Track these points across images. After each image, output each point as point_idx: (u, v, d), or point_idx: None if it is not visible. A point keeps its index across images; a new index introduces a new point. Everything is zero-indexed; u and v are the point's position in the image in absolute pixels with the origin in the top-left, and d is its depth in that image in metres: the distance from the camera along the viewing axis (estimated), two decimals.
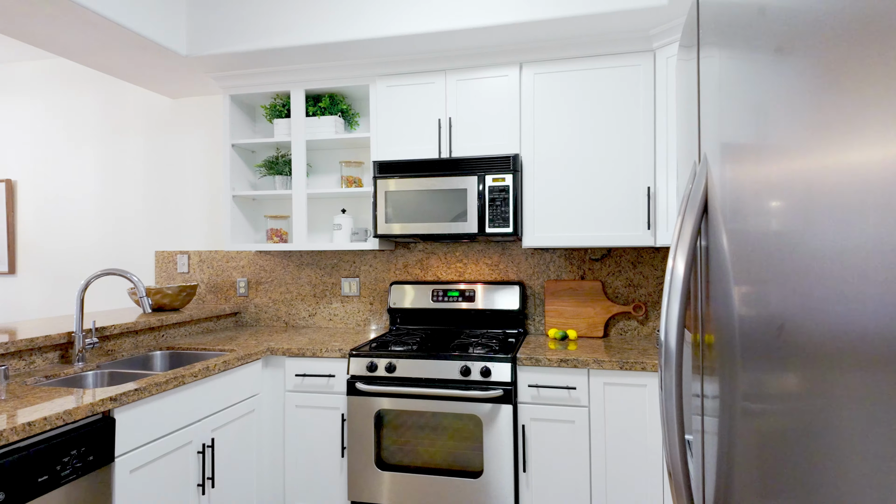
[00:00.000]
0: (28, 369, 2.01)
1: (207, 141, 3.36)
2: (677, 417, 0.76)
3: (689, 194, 0.81)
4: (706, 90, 0.82)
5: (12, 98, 3.68)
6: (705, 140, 0.82)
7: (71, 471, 1.51)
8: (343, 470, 2.43)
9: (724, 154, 0.73)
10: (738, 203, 0.69)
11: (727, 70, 0.72)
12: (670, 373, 0.77)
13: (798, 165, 0.48)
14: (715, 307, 0.78)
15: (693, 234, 0.78)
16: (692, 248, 0.78)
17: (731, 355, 0.73)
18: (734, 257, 0.71)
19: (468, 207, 2.52)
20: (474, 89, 2.63)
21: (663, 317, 0.83)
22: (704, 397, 0.83)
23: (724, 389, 0.75)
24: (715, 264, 0.77)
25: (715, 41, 0.77)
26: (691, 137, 0.95)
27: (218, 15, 2.67)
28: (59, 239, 3.59)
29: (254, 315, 3.27)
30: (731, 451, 0.73)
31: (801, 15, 0.45)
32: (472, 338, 2.63)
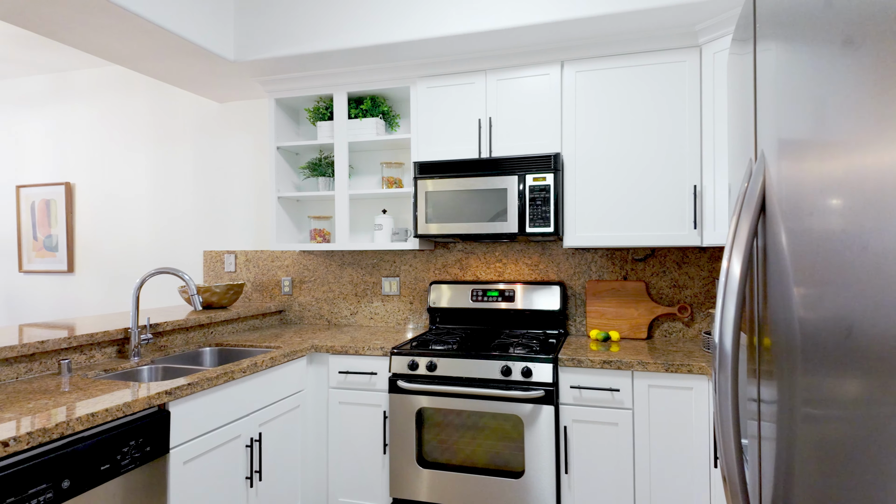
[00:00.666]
0: (88, 363, 2.12)
1: (253, 144, 3.47)
2: (733, 422, 0.74)
3: (745, 193, 0.78)
4: (763, 85, 0.79)
5: (72, 104, 3.88)
6: (762, 137, 0.79)
7: (130, 461, 1.59)
8: (385, 467, 2.47)
9: (783, 150, 0.71)
10: (799, 201, 0.66)
11: (786, 64, 0.70)
12: (725, 376, 0.75)
13: (866, 161, 0.46)
14: (773, 309, 0.75)
15: (750, 233, 0.75)
16: (749, 249, 0.76)
17: (790, 359, 0.70)
18: (794, 257, 0.68)
19: (508, 207, 2.51)
20: (514, 88, 2.62)
21: (717, 318, 0.80)
22: (761, 402, 0.81)
23: (783, 394, 0.73)
24: (773, 265, 0.75)
25: (773, 34, 0.75)
26: (746, 134, 0.93)
27: (264, 21, 2.75)
28: (114, 239, 3.76)
29: (297, 313, 3.35)
30: (791, 458, 0.71)
31: (875, 4, 0.43)
32: (512, 338, 2.62)
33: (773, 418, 0.75)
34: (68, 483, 1.40)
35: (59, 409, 1.49)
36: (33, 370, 1.89)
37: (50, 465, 1.35)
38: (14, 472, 1.27)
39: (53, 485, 1.36)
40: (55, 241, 3.85)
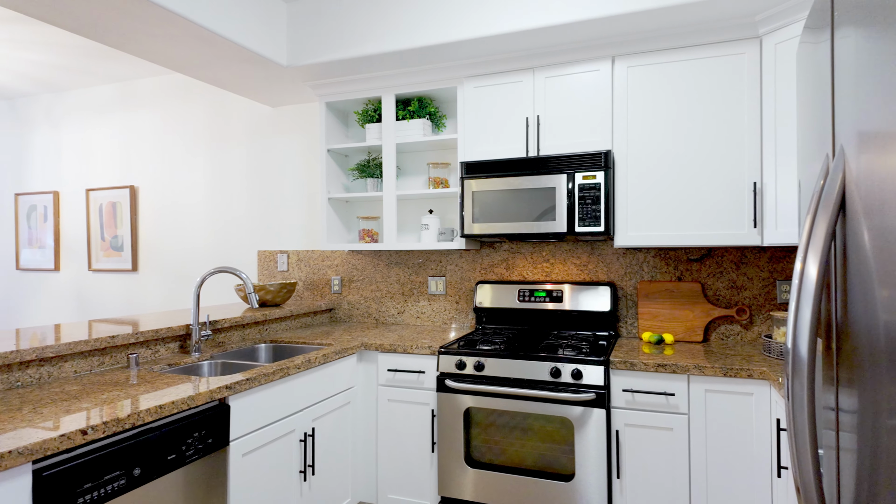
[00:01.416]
0: (153, 357, 2.23)
1: (304, 146, 3.56)
2: (810, 431, 0.70)
3: (822, 190, 0.74)
4: (842, 75, 0.75)
5: (136, 112, 4.09)
6: (841, 130, 0.75)
7: (194, 451, 1.66)
8: (433, 465, 2.48)
9: (865, 144, 0.67)
10: (883, 197, 0.63)
11: (869, 51, 0.66)
12: (801, 382, 0.71)
13: None
14: (854, 312, 0.71)
15: (828, 233, 0.72)
16: (826, 249, 0.72)
17: (874, 365, 0.66)
18: (878, 257, 0.65)
19: (557, 206, 2.48)
20: (563, 86, 2.58)
21: (790, 322, 0.77)
22: (840, 410, 0.76)
23: (865, 402, 0.69)
24: (854, 265, 0.71)
25: (854, 20, 0.71)
26: (821, 128, 0.88)
27: (315, 26, 2.82)
28: (174, 239, 3.95)
29: (347, 311, 3.42)
30: (875, 471, 0.67)
31: None
32: (561, 339, 2.58)
33: (854, 428, 0.71)
34: (139, 471, 1.48)
35: (130, 400, 1.57)
36: (105, 363, 2.01)
37: (123, 454, 1.43)
38: (91, 459, 1.35)
39: (126, 472, 1.44)
40: (121, 241, 4.07)
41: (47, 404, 1.53)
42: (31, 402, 1.55)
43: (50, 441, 1.25)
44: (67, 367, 1.88)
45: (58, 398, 1.59)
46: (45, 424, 1.34)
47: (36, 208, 4.43)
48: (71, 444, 1.29)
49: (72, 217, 4.33)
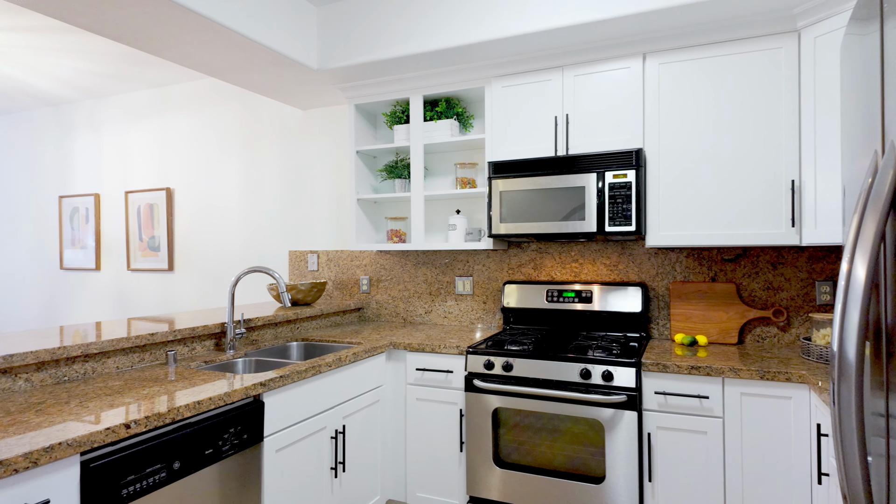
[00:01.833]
0: (190, 354, 2.29)
1: (333, 148, 3.61)
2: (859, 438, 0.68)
3: (871, 188, 0.72)
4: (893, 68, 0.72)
5: (172, 116, 4.21)
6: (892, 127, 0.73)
7: (230, 447, 1.70)
8: (461, 464, 2.49)
9: None
10: None
11: None
12: (848, 387, 0.69)
13: None
14: None
15: (877, 233, 0.69)
16: (875, 250, 0.70)
17: None
18: None
19: (586, 206, 2.45)
20: (593, 84, 2.55)
21: (836, 325, 0.75)
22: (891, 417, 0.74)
23: None
24: None
25: None
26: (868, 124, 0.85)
27: (345, 29, 2.86)
28: (208, 240, 4.05)
29: (375, 311, 3.45)
30: None
31: None
32: (591, 340, 2.56)
33: None
34: (178, 464, 1.52)
35: (169, 396, 1.62)
36: (145, 360, 2.07)
37: (163, 447, 1.48)
38: (134, 453, 1.40)
39: (166, 465, 1.49)
40: (158, 241, 4.19)
41: (92, 398, 1.59)
42: (78, 396, 1.62)
43: (96, 434, 1.29)
44: (110, 363, 1.94)
45: (102, 393, 1.65)
46: (91, 418, 1.40)
47: (78, 210, 4.60)
48: (115, 437, 1.34)
49: (112, 218, 4.48)
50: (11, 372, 1.66)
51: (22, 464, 1.14)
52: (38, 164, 4.90)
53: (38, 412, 1.45)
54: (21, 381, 1.68)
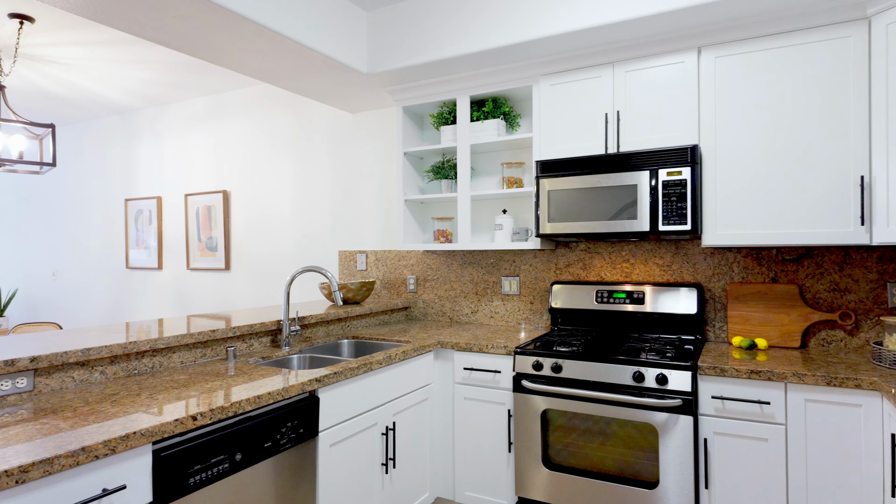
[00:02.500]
0: (248, 350, 2.38)
1: (381, 150, 3.67)
2: None
3: None
4: None
5: (228, 121, 4.39)
6: None
7: (287, 440, 1.76)
8: (510, 465, 2.48)
9: None
10: None
11: None
12: None
13: None
14: None
15: None
16: None
17: None
18: None
19: (639, 204, 2.40)
20: (644, 79, 2.50)
21: None
22: None
23: None
24: None
25: None
26: None
27: (393, 34, 2.90)
28: (262, 240, 4.19)
29: (422, 310, 3.49)
30: None
31: None
32: (643, 342, 2.50)
33: None
34: (240, 456, 1.59)
35: (231, 390, 1.70)
36: (206, 355, 2.17)
37: (226, 439, 1.55)
38: (200, 444, 1.47)
39: (229, 456, 1.56)
40: (215, 242, 4.38)
41: (161, 391, 1.68)
42: (148, 388, 1.71)
43: (167, 425, 1.37)
44: (175, 358, 2.05)
45: (169, 386, 1.75)
46: (160, 409, 1.48)
47: (142, 212, 4.86)
48: (184, 428, 1.41)
49: (172, 220, 4.71)
50: (88, 365, 1.77)
51: (102, 451, 1.22)
52: (106, 169, 5.21)
53: (113, 403, 1.55)
54: (97, 374, 1.80)
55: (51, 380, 1.67)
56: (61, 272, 5.56)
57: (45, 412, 1.45)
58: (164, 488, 1.38)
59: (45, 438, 1.24)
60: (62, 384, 1.70)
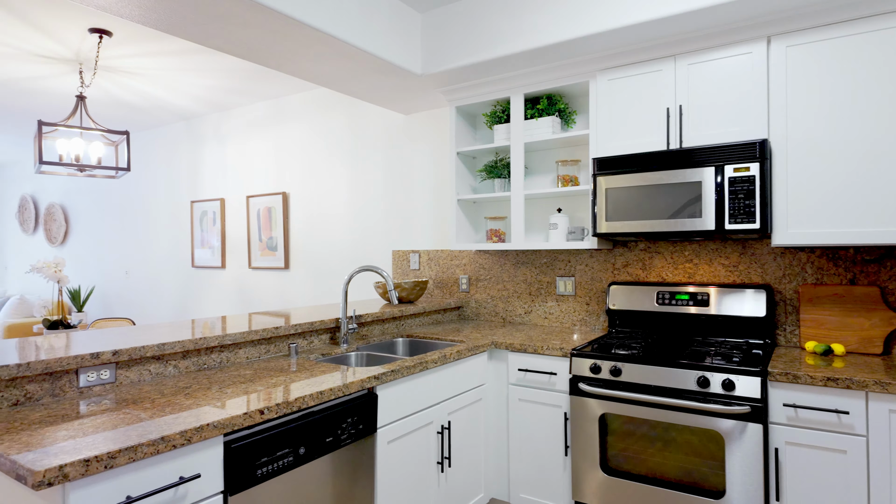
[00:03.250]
0: (308, 347, 2.45)
1: (433, 150, 3.69)
2: None
3: None
4: None
5: (287, 125, 4.53)
6: None
7: (347, 436, 1.80)
8: (566, 468, 2.44)
9: None
10: None
11: None
12: None
13: None
14: None
15: None
16: None
17: None
18: None
19: (703, 202, 2.30)
20: (708, 72, 2.39)
21: None
22: None
23: None
24: None
25: None
26: None
27: (447, 33, 2.91)
28: (319, 240, 4.31)
29: (474, 310, 3.49)
30: None
31: None
32: (708, 346, 2.40)
33: None
34: (303, 450, 1.64)
35: (294, 385, 1.75)
36: (270, 351, 2.25)
37: (291, 433, 1.60)
38: (267, 437, 1.53)
39: (293, 450, 1.61)
40: (275, 242, 4.54)
41: (229, 385, 1.75)
42: (217, 382, 1.79)
43: (236, 418, 1.43)
44: (241, 354, 2.14)
45: (236, 381, 1.82)
46: (230, 403, 1.54)
47: (206, 213, 5.10)
48: (252, 421, 1.47)
49: (235, 221, 4.92)
50: (163, 359, 1.87)
51: (178, 440, 1.29)
52: (173, 173, 5.49)
53: (187, 395, 1.63)
54: (170, 367, 1.90)
55: (130, 372, 1.78)
56: (133, 270, 5.91)
57: (127, 402, 1.54)
58: (234, 478, 1.44)
59: (128, 427, 1.32)
60: (140, 376, 1.81)
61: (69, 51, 3.57)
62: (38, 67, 3.89)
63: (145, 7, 2.12)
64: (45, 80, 4.19)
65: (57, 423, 1.36)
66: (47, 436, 1.26)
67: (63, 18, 3.08)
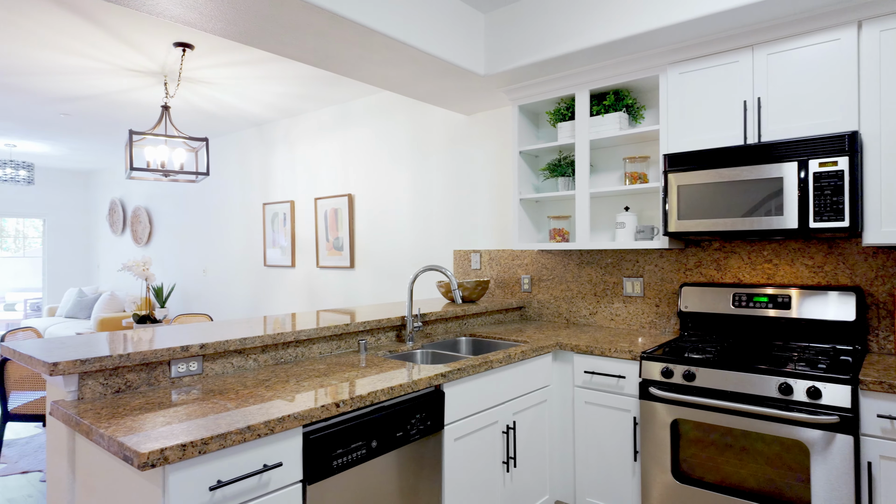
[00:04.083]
0: (376, 344, 2.52)
1: (495, 150, 3.69)
2: None
3: None
4: None
5: (351, 129, 4.67)
6: None
7: (416, 431, 1.84)
8: (635, 474, 2.38)
9: None
10: None
11: None
12: None
13: None
14: None
15: None
16: None
17: None
18: None
19: (785, 199, 2.18)
20: (790, 61, 2.26)
21: None
22: None
23: None
24: None
25: None
26: None
27: (511, 33, 2.91)
28: (382, 241, 4.41)
29: (536, 310, 3.46)
30: None
31: None
32: (790, 351, 2.27)
33: None
34: (375, 443, 1.69)
35: (366, 380, 1.81)
36: (340, 347, 2.34)
37: (363, 427, 1.65)
38: (342, 429, 1.59)
39: (366, 443, 1.66)
40: (341, 242, 4.69)
41: (305, 379, 1.83)
42: (293, 375, 1.88)
43: (314, 410, 1.50)
44: (314, 349, 2.23)
45: (311, 374, 1.90)
46: (307, 395, 1.61)
47: (277, 215, 5.34)
48: (328, 413, 1.53)
49: (303, 222, 5.12)
50: (244, 353, 1.99)
51: (262, 430, 1.36)
52: (246, 177, 5.79)
53: (267, 387, 1.72)
54: (251, 361, 2.01)
55: (215, 364, 1.90)
56: (210, 269, 6.28)
57: (213, 393, 1.65)
58: (312, 468, 1.50)
59: (216, 416, 1.41)
60: (224, 369, 1.92)
61: (155, 64, 3.84)
62: (128, 81, 4.21)
63: (229, 21, 2.26)
64: (133, 93, 4.53)
65: (154, 409, 1.47)
66: (147, 421, 1.37)
67: (151, 35, 3.32)
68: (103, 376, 1.62)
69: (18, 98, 4.69)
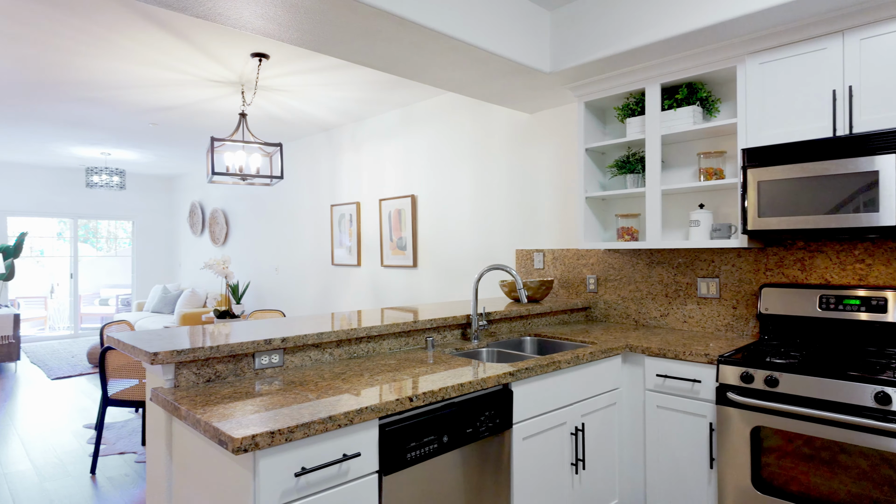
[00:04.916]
0: (442, 342, 2.56)
1: (559, 148, 3.65)
2: None
3: None
4: None
5: (414, 131, 4.76)
6: None
7: (485, 429, 1.86)
8: (711, 483, 2.29)
9: None
10: None
11: None
12: None
13: None
14: None
15: None
16: None
17: None
18: None
19: (881, 194, 2.03)
20: (886, 46, 2.10)
21: None
22: None
23: None
24: None
25: None
26: None
27: (577, 29, 2.87)
28: (445, 240, 4.46)
29: (603, 311, 3.39)
30: None
31: None
32: (887, 358, 2.11)
33: None
34: (446, 438, 1.73)
35: (436, 376, 1.85)
36: (409, 343, 2.39)
37: (435, 422, 1.69)
38: (415, 423, 1.63)
39: (437, 438, 1.70)
40: (405, 241, 4.79)
41: (378, 373, 1.90)
42: (367, 370, 1.95)
43: (389, 403, 1.55)
44: (385, 345, 2.30)
45: (384, 369, 1.96)
46: (382, 389, 1.67)
47: (344, 216, 5.52)
48: (402, 407, 1.58)
49: (369, 222, 5.27)
50: (321, 347, 2.08)
51: (342, 420, 1.43)
52: (315, 179, 6.02)
53: (343, 380, 1.79)
54: (327, 355, 2.10)
55: (294, 357, 2.00)
56: (281, 267, 6.58)
57: (294, 384, 1.74)
58: (388, 459, 1.56)
59: (299, 406, 1.49)
60: (302, 362, 2.02)
61: (234, 74, 4.07)
62: (209, 91, 4.49)
63: (304, 30, 2.36)
64: (213, 102, 4.82)
65: (242, 398, 1.57)
66: (237, 409, 1.46)
67: (231, 46, 3.53)
68: (196, 366, 1.74)
69: (113, 110, 5.11)
